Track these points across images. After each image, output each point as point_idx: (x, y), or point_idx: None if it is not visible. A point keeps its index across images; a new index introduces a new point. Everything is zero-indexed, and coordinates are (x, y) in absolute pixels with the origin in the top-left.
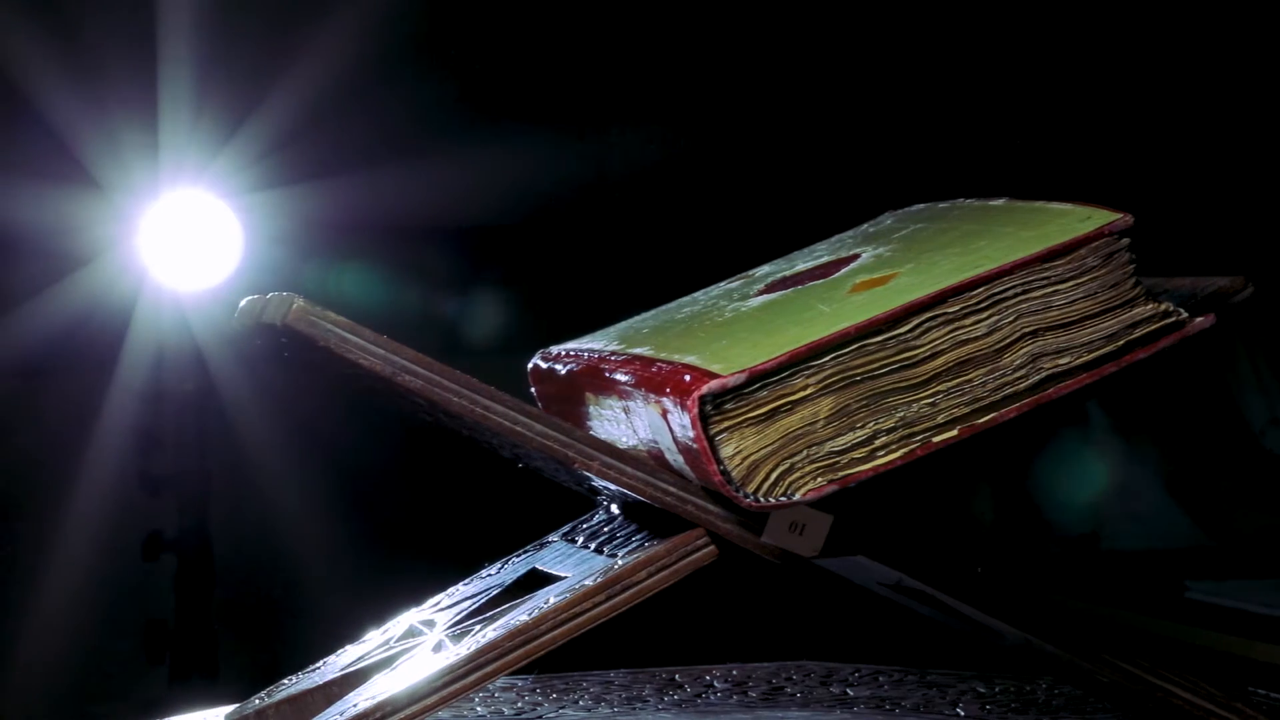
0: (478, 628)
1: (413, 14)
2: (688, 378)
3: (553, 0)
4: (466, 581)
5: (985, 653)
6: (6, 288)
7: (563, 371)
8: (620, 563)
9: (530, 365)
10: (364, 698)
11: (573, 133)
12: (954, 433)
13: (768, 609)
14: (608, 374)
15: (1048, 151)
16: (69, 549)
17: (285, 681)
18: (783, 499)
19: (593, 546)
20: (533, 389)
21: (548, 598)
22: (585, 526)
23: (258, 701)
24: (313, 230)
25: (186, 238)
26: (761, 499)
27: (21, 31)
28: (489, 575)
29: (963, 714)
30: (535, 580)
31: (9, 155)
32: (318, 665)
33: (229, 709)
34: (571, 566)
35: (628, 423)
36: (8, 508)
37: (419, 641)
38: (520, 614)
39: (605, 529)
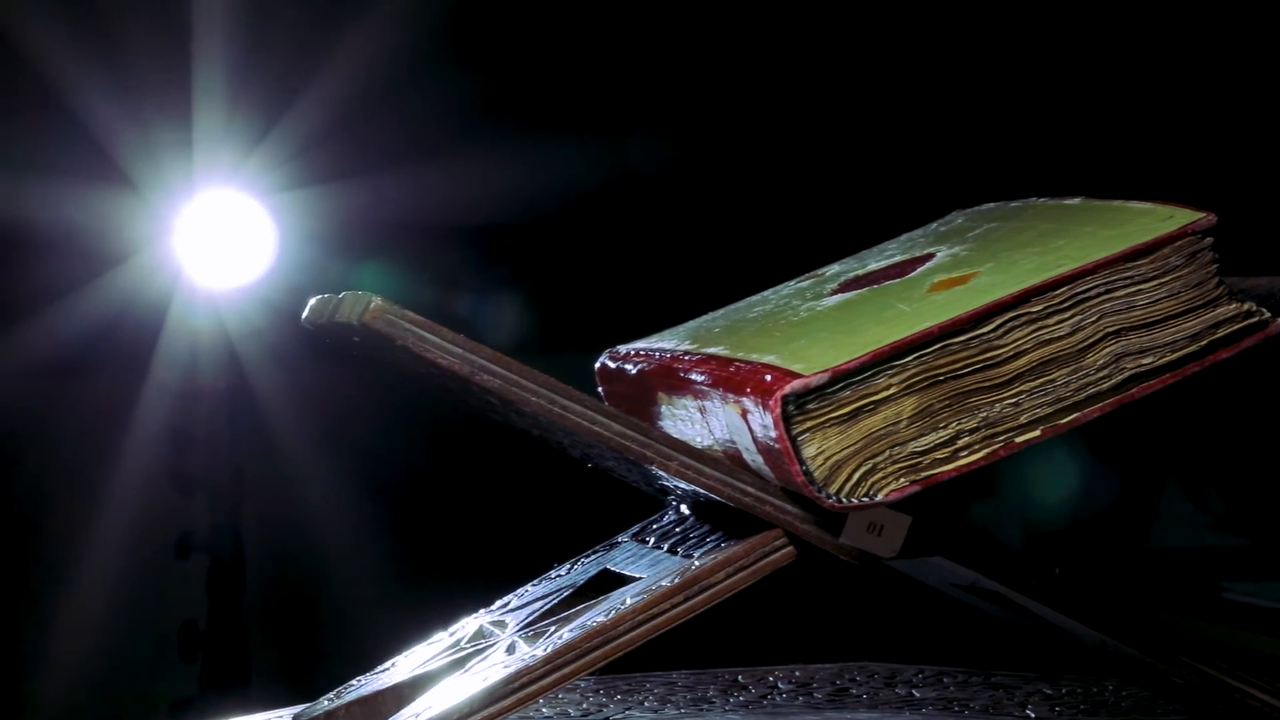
0: (552, 629)
1: (440, 17)
2: (769, 377)
3: (579, 2)
4: (536, 582)
5: (1050, 653)
6: (42, 287)
7: (633, 371)
8: (697, 563)
9: (598, 364)
10: (439, 699)
11: (599, 133)
12: (1037, 433)
13: (825, 609)
14: (682, 373)
15: (1105, 150)
16: (101, 548)
17: (354, 683)
18: (865, 499)
19: (665, 547)
20: (600, 388)
21: (624, 598)
22: (656, 527)
23: (326, 703)
24: (345, 228)
25: (220, 236)
26: (844, 499)
27: (56, 32)
28: (559, 576)
29: (1033, 715)
30: (607, 581)
31: (45, 155)
32: (386, 666)
33: (297, 709)
34: (645, 567)
35: (703, 422)
36: (41, 506)
37: (491, 643)
38: (597, 615)
39: (677, 529)
